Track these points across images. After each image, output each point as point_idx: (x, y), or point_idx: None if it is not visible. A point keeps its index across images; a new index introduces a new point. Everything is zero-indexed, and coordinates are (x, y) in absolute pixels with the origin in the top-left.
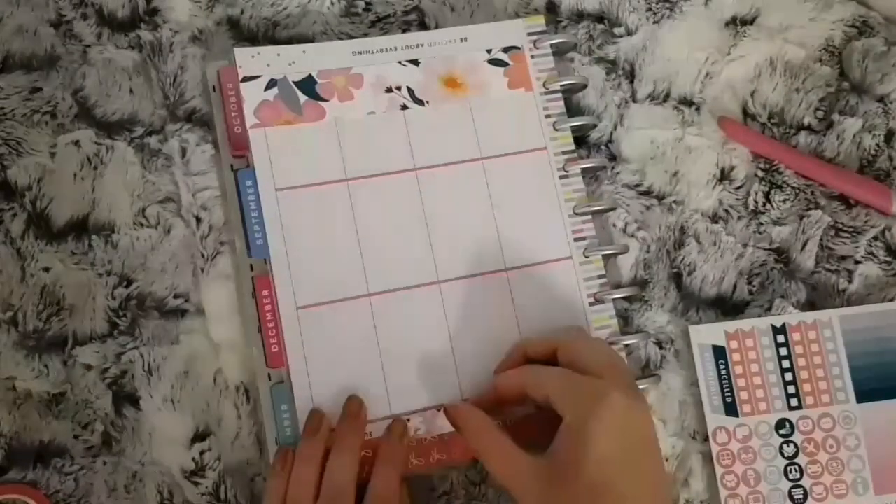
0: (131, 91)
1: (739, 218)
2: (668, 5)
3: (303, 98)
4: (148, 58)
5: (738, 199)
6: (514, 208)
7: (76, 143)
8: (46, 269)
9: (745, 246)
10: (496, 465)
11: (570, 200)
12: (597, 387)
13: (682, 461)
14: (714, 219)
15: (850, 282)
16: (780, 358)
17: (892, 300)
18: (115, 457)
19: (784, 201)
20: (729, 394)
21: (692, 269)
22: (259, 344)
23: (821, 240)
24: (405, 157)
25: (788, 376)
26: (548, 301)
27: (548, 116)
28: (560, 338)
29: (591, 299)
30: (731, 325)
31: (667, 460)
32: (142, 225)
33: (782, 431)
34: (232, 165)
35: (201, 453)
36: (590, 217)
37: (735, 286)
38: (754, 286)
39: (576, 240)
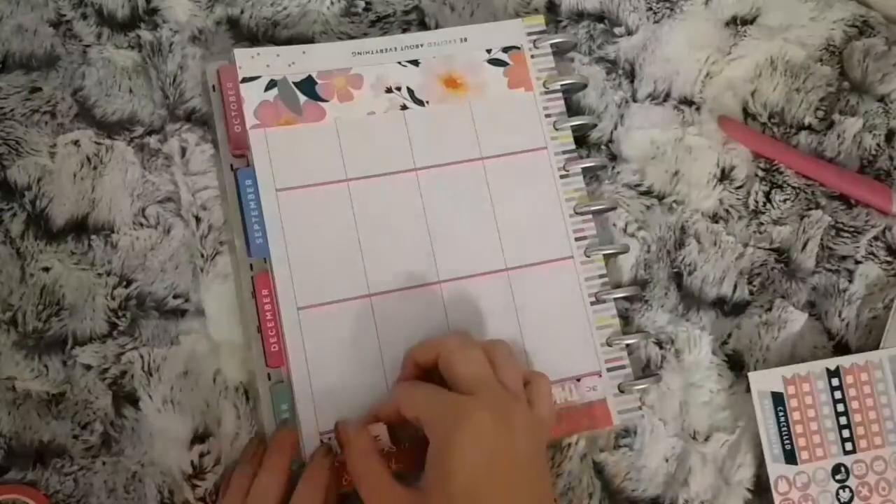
0: (131, 91)
1: (740, 218)
2: (668, 5)
3: (302, 98)
4: (147, 57)
5: (738, 198)
6: (514, 208)
7: (76, 143)
8: (46, 269)
9: (745, 246)
10: (368, 496)
11: (571, 200)
12: (460, 406)
13: (682, 461)
14: (714, 219)
15: (850, 282)
16: (835, 402)
17: (893, 300)
18: (114, 457)
19: (784, 201)
20: (788, 441)
21: (693, 269)
22: (259, 343)
23: (821, 240)
24: (405, 158)
25: (843, 420)
26: (549, 301)
27: (548, 116)
28: (441, 346)
29: (593, 299)
30: (788, 371)
31: (666, 461)
32: (142, 225)
33: (838, 477)
34: (232, 165)
35: (201, 456)
36: (590, 216)
37: (735, 286)
38: (755, 286)
39: (577, 239)
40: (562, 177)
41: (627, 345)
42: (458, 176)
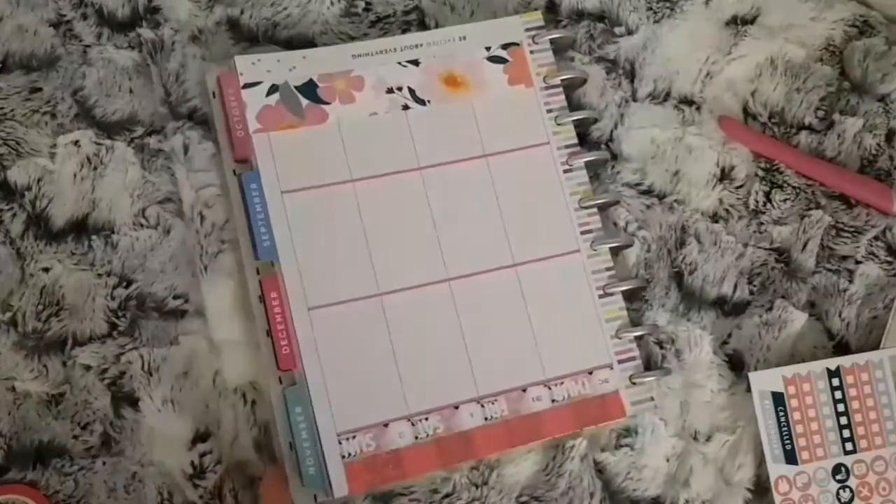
0: (131, 91)
1: (740, 218)
2: (668, 5)
3: (304, 102)
4: (149, 55)
5: (738, 198)
6: (520, 203)
7: (76, 143)
8: (46, 270)
9: (745, 246)
10: None
11: (576, 194)
12: None
13: (683, 461)
14: (714, 218)
15: (850, 282)
16: (836, 402)
17: (893, 300)
18: (114, 457)
19: (784, 201)
20: (788, 441)
21: (693, 269)
22: (269, 347)
23: (821, 240)
24: (409, 157)
25: (843, 420)
26: (558, 294)
27: (549, 111)
28: None
29: (600, 292)
30: (789, 371)
31: (667, 461)
32: (142, 225)
33: (839, 477)
34: (234, 170)
35: (201, 455)
36: (595, 210)
37: (736, 286)
38: (755, 286)
39: (582, 233)
40: (566, 171)
41: (637, 336)
42: (462, 174)
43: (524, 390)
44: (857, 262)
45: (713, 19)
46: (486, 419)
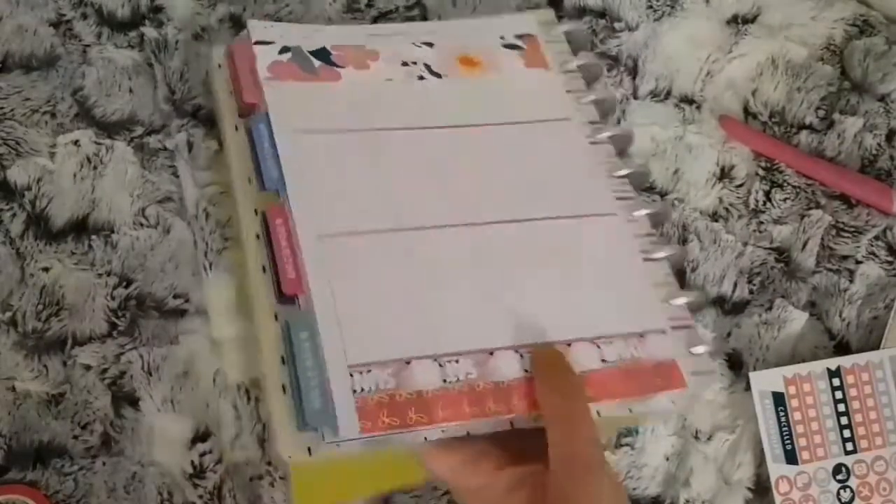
0: (131, 91)
1: (740, 217)
2: (668, 3)
3: (317, 63)
4: (153, 54)
5: (738, 197)
6: (547, 165)
7: (76, 143)
8: (46, 269)
9: (745, 245)
10: None
11: (604, 164)
12: None
13: (683, 461)
14: (714, 217)
15: (851, 281)
16: (836, 402)
17: (893, 300)
18: (114, 457)
19: (785, 200)
20: (788, 441)
21: (695, 266)
22: (267, 281)
23: (822, 239)
24: (428, 117)
25: (844, 420)
26: (600, 252)
27: (569, 92)
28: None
29: (644, 256)
30: (789, 370)
31: (667, 459)
32: (141, 225)
33: (839, 477)
34: (236, 127)
35: (201, 455)
36: (627, 180)
37: (735, 285)
38: (755, 285)
39: (618, 199)
40: (591, 143)
41: (687, 301)
42: (482, 137)
43: (569, 345)
44: (858, 262)
45: (714, 18)
46: (525, 371)
